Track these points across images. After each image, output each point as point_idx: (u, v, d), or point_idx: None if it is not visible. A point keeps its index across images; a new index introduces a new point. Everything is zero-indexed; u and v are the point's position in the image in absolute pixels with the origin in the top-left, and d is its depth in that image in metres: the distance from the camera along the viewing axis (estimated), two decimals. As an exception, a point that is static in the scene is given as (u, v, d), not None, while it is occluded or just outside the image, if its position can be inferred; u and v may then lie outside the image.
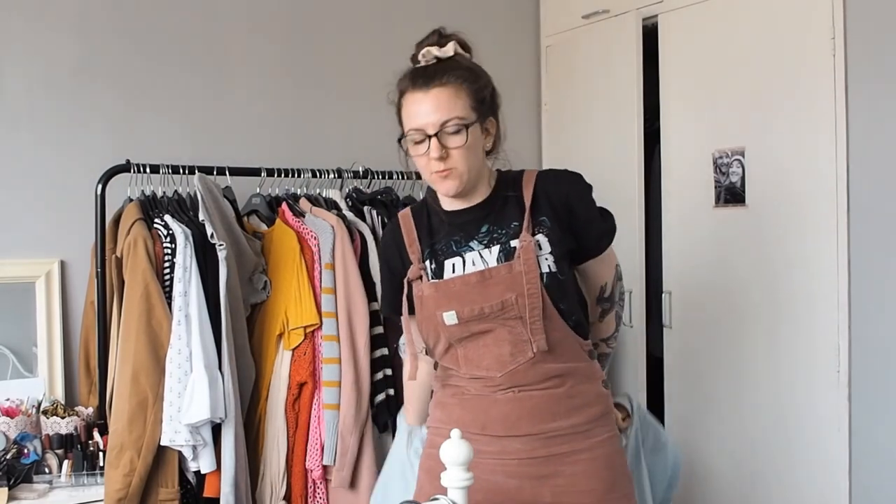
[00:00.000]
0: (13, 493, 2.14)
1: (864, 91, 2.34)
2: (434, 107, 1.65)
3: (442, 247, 1.77)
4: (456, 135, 1.66)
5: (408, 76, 1.70)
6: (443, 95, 1.65)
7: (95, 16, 2.66)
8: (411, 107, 1.68)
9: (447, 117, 1.65)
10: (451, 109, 1.65)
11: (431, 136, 1.65)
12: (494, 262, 1.72)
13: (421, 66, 1.70)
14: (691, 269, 2.83)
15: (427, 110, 1.66)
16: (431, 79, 1.66)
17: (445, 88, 1.66)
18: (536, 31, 3.47)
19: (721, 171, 2.70)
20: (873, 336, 2.34)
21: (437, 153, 1.65)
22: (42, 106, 2.58)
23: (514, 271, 1.69)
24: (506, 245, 1.72)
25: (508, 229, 1.74)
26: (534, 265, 1.69)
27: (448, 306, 1.71)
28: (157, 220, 2.30)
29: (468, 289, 1.71)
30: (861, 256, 2.35)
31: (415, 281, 1.77)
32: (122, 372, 2.18)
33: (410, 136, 1.68)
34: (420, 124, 1.66)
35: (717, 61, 2.72)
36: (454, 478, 1.30)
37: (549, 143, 3.44)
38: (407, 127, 1.69)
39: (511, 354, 1.71)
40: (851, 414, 2.38)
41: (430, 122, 1.65)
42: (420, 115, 1.66)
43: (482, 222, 1.76)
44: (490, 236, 1.74)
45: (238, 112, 2.88)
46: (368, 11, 3.13)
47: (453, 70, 1.68)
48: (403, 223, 1.83)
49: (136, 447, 2.13)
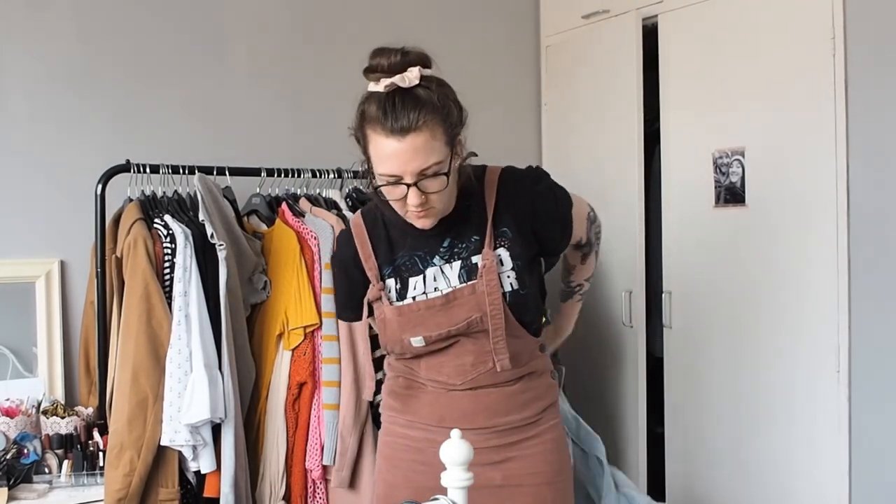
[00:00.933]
0: (13, 493, 2.14)
1: (864, 91, 2.33)
2: (411, 156, 1.55)
3: (405, 262, 1.76)
4: (434, 179, 1.59)
5: (376, 110, 1.57)
6: (419, 142, 1.55)
7: (95, 16, 2.66)
8: (384, 150, 1.57)
9: (425, 165, 1.57)
10: (428, 156, 1.56)
11: (410, 185, 1.58)
12: (456, 279, 1.72)
13: (388, 101, 1.57)
14: (691, 269, 2.83)
15: (404, 160, 1.56)
16: (406, 125, 1.54)
17: (421, 134, 1.55)
18: (536, 31, 3.47)
19: (721, 171, 2.70)
20: (873, 336, 2.33)
21: (417, 200, 1.59)
22: (42, 106, 2.58)
23: (478, 292, 1.70)
24: (467, 261, 1.72)
25: (469, 243, 1.73)
26: (496, 286, 1.69)
27: (414, 331, 1.73)
28: (157, 220, 2.30)
29: (433, 312, 1.71)
30: (861, 256, 2.35)
31: (374, 302, 1.77)
32: (121, 372, 2.18)
33: (383, 182, 1.60)
34: (397, 171, 1.57)
35: (717, 61, 2.72)
36: (454, 478, 1.30)
37: (549, 143, 3.43)
38: (380, 169, 1.59)
39: (472, 365, 1.76)
40: (851, 414, 2.37)
41: (407, 170, 1.56)
42: (396, 163, 1.56)
43: (445, 235, 1.74)
44: (451, 251, 1.73)
45: (238, 112, 2.88)
46: (368, 12, 3.13)
47: (424, 109, 1.56)
48: (357, 235, 1.80)
49: (136, 447, 2.13)
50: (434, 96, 1.58)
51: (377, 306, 1.78)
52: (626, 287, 3.00)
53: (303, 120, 2.99)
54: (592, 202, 2.06)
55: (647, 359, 2.97)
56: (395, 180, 1.59)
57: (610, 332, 3.07)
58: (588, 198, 2.04)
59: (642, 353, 2.96)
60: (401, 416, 1.85)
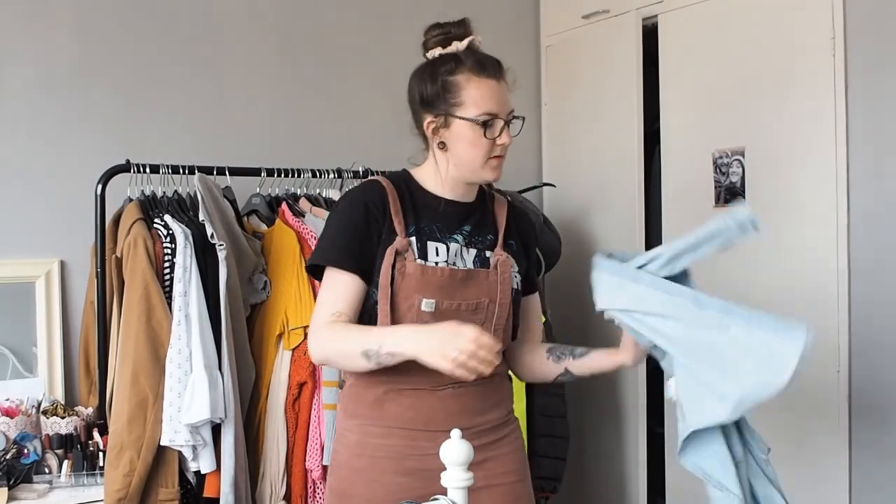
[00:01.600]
0: (13, 493, 2.14)
1: (864, 91, 2.34)
2: (506, 97, 1.76)
3: (427, 227, 1.78)
4: (515, 122, 1.79)
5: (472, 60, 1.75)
6: (505, 88, 1.77)
7: (95, 15, 2.66)
8: (485, 91, 1.73)
9: (511, 107, 1.77)
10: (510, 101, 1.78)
11: (506, 122, 1.75)
12: (471, 264, 1.80)
13: (479, 54, 1.77)
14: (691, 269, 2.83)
15: (503, 99, 1.75)
16: (500, 71, 1.77)
17: (503, 83, 1.77)
18: (536, 31, 3.47)
19: (721, 171, 2.70)
20: (873, 336, 2.33)
21: (508, 139, 1.76)
22: (42, 106, 2.58)
23: (490, 280, 1.79)
24: (482, 252, 1.82)
25: (485, 239, 1.84)
26: (508, 278, 1.81)
27: (430, 294, 1.72)
28: (157, 220, 2.30)
29: (453, 282, 1.75)
30: (861, 256, 2.35)
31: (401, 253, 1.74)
32: (121, 372, 2.18)
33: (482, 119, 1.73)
34: (497, 110, 1.74)
35: (717, 61, 2.72)
36: (454, 478, 1.30)
37: (549, 143, 3.43)
38: (481, 109, 1.73)
39: None
40: (851, 414, 2.38)
41: (504, 109, 1.75)
42: (497, 101, 1.74)
43: (466, 221, 1.83)
44: (471, 237, 1.82)
45: (238, 112, 2.88)
46: (368, 11, 3.13)
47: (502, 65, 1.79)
48: (389, 191, 1.79)
49: (136, 447, 2.13)
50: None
51: (400, 259, 1.73)
52: (626, 287, 3.00)
53: (303, 120, 2.99)
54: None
55: (647, 359, 2.96)
56: (493, 118, 1.73)
57: (610, 332, 3.06)
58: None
59: (642, 353, 2.95)
60: (375, 425, 1.76)
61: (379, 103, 3.08)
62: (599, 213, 3.13)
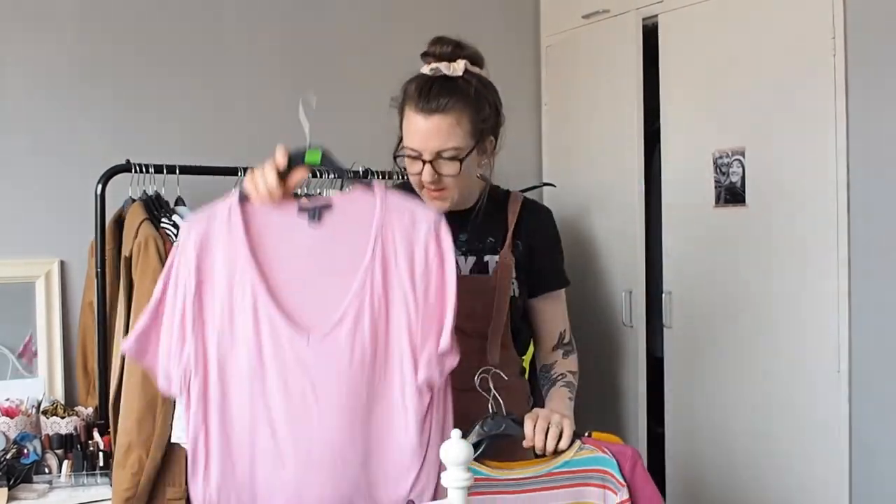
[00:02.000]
0: (13, 493, 2.14)
1: (864, 91, 2.33)
2: (433, 134, 1.67)
3: None
4: (450, 162, 1.69)
5: (414, 89, 1.70)
6: (443, 124, 1.67)
7: (95, 16, 2.66)
8: (411, 125, 1.70)
9: (442, 147, 1.68)
10: (447, 139, 1.67)
11: (426, 162, 1.69)
12: (467, 272, 1.80)
13: (427, 84, 1.69)
14: (691, 269, 2.83)
15: (424, 137, 1.68)
16: (434, 105, 1.67)
17: (446, 117, 1.67)
18: (536, 31, 3.47)
19: (721, 171, 2.70)
20: (873, 336, 2.33)
21: (429, 178, 1.70)
22: (42, 106, 2.58)
23: (488, 286, 1.78)
24: (480, 259, 1.81)
25: (485, 244, 1.82)
26: (507, 285, 1.79)
27: None
28: (165, 220, 2.31)
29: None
30: (861, 256, 2.35)
31: None
32: (131, 372, 2.18)
33: (405, 153, 1.72)
34: (416, 147, 1.69)
35: (717, 61, 2.72)
36: (454, 478, 1.30)
37: (549, 143, 3.43)
38: (406, 143, 1.72)
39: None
40: (851, 414, 2.37)
41: (426, 147, 1.68)
42: (417, 138, 1.69)
43: (462, 230, 1.81)
44: (468, 245, 1.81)
45: (239, 112, 2.88)
46: (368, 12, 3.13)
47: (458, 96, 1.68)
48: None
49: (145, 446, 2.13)
50: (471, 89, 1.70)
51: None
52: (626, 287, 3.00)
53: (303, 120, 2.99)
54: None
55: (647, 359, 2.97)
56: (416, 155, 1.70)
57: (610, 332, 3.07)
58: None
59: (642, 353, 2.96)
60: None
61: (379, 103, 3.05)
62: (599, 213, 3.13)
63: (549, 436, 1.60)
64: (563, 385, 1.86)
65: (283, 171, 1.51)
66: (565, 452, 1.61)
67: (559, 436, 1.60)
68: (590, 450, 1.62)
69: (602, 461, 1.60)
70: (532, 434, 1.60)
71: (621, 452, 1.61)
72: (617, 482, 1.58)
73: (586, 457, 1.61)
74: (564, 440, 1.61)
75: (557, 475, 1.60)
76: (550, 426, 1.61)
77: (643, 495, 1.59)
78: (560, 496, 1.59)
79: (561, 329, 1.95)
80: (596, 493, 1.59)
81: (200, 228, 1.49)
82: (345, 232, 1.48)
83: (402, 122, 1.74)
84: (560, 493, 1.59)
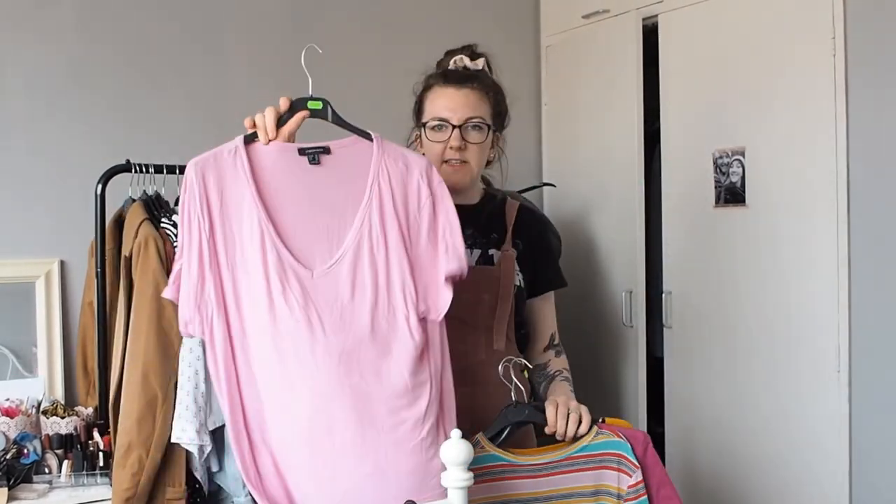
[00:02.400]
0: (13, 493, 2.14)
1: (864, 91, 2.33)
2: (463, 103, 1.81)
3: None
4: (476, 131, 1.82)
5: (440, 74, 1.85)
6: (472, 95, 1.82)
7: (96, 16, 2.66)
8: (439, 99, 1.83)
9: (473, 114, 1.82)
10: (476, 108, 1.82)
11: (455, 127, 1.80)
12: (473, 263, 1.87)
13: (454, 69, 1.86)
14: (691, 269, 2.83)
15: (456, 105, 1.81)
16: (464, 80, 1.83)
17: (475, 91, 1.83)
18: (536, 31, 3.47)
19: (721, 171, 2.70)
20: (873, 336, 2.33)
21: (457, 142, 1.80)
22: (42, 106, 2.58)
23: (493, 276, 1.85)
24: (485, 252, 1.88)
25: (489, 239, 1.90)
26: (512, 274, 1.87)
27: None
28: (165, 220, 2.30)
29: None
30: (861, 256, 2.35)
31: None
32: (131, 371, 2.18)
33: (431, 124, 1.81)
34: (446, 115, 1.81)
35: (717, 61, 2.72)
36: (454, 478, 1.30)
37: (549, 143, 3.43)
38: (430, 115, 1.83)
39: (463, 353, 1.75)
40: (851, 414, 2.37)
41: (457, 115, 1.81)
42: (448, 107, 1.82)
43: (468, 225, 1.85)
44: (473, 240, 1.88)
45: (238, 112, 2.86)
46: (368, 12, 3.13)
47: (482, 80, 1.85)
48: None
49: (145, 446, 2.13)
50: (490, 81, 1.88)
51: None
52: (626, 287, 3.00)
53: (303, 120, 2.99)
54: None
55: (647, 359, 2.97)
56: (442, 123, 1.81)
57: (610, 332, 3.07)
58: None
59: (642, 353, 2.96)
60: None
61: (379, 104, 3.08)
62: (599, 213, 3.13)
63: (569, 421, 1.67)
64: (562, 380, 1.94)
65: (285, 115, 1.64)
66: (584, 437, 1.69)
67: (579, 421, 1.68)
68: (606, 434, 1.70)
69: (617, 445, 1.68)
70: (554, 420, 1.67)
71: (633, 436, 1.70)
72: (631, 464, 1.66)
73: (603, 441, 1.69)
74: (584, 425, 1.68)
75: (576, 459, 1.68)
76: (570, 412, 1.68)
77: (654, 476, 1.68)
78: (579, 479, 1.68)
79: (552, 330, 2.03)
80: (612, 475, 1.68)
81: (206, 167, 1.57)
82: (343, 174, 1.57)
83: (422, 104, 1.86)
84: (580, 475, 1.68)
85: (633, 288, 2.98)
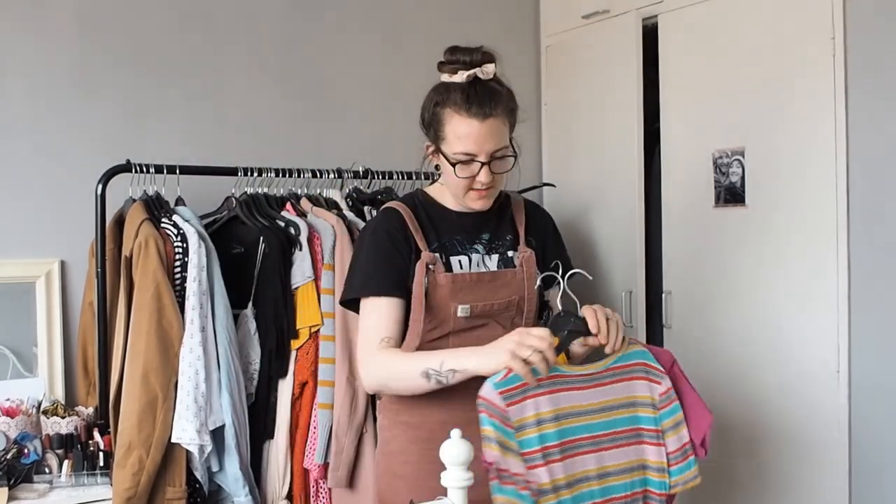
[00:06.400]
0: (13, 493, 2.14)
1: (864, 91, 2.34)
2: (488, 136, 1.74)
3: (447, 242, 1.86)
4: (503, 160, 1.79)
5: (460, 96, 1.75)
6: (495, 126, 1.75)
7: (97, 16, 2.66)
8: (464, 129, 1.74)
9: (498, 147, 1.76)
10: (500, 140, 1.77)
11: (484, 164, 1.75)
12: (495, 268, 1.88)
13: (472, 89, 1.75)
14: (691, 269, 2.83)
15: (482, 139, 1.74)
16: (487, 110, 1.74)
17: (496, 119, 1.75)
18: (536, 31, 3.47)
19: (721, 171, 2.70)
20: (873, 336, 2.34)
21: (488, 179, 1.77)
22: (42, 106, 2.58)
23: (517, 278, 1.86)
24: (504, 255, 1.89)
25: (505, 241, 1.91)
26: (533, 274, 1.87)
27: (463, 299, 1.81)
28: (165, 220, 2.31)
29: (482, 285, 1.84)
30: (861, 256, 2.35)
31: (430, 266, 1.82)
32: (131, 371, 2.18)
33: (457, 158, 1.76)
34: (473, 150, 1.75)
35: (717, 61, 2.72)
36: (454, 478, 1.30)
37: (549, 143, 3.43)
38: (456, 148, 1.76)
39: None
40: (851, 414, 2.38)
41: (484, 150, 1.75)
42: (475, 142, 1.74)
43: (484, 229, 1.90)
44: (491, 244, 1.90)
45: (238, 112, 2.88)
46: (368, 12, 3.13)
47: (499, 99, 1.77)
48: (404, 213, 1.87)
49: (146, 446, 2.13)
50: (504, 91, 1.80)
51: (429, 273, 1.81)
52: (626, 287, 3.00)
53: (303, 120, 2.99)
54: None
55: (647, 358, 2.97)
56: (469, 158, 1.76)
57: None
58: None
59: (642, 353, 2.95)
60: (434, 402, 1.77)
61: (379, 103, 3.08)
62: (599, 213, 3.14)
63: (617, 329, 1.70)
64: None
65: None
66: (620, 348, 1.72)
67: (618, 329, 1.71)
68: (635, 343, 1.75)
69: (638, 354, 1.73)
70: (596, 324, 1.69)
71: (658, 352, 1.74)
72: (657, 371, 1.72)
73: (632, 351, 1.72)
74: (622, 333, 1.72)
75: (614, 370, 1.72)
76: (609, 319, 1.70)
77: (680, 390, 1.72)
78: (617, 390, 1.70)
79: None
80: (643, 385, 1.72)
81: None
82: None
83: (441, 130, 1.78)
84: (618, 387, 1.71)
85: (633, 288, 2.99)
